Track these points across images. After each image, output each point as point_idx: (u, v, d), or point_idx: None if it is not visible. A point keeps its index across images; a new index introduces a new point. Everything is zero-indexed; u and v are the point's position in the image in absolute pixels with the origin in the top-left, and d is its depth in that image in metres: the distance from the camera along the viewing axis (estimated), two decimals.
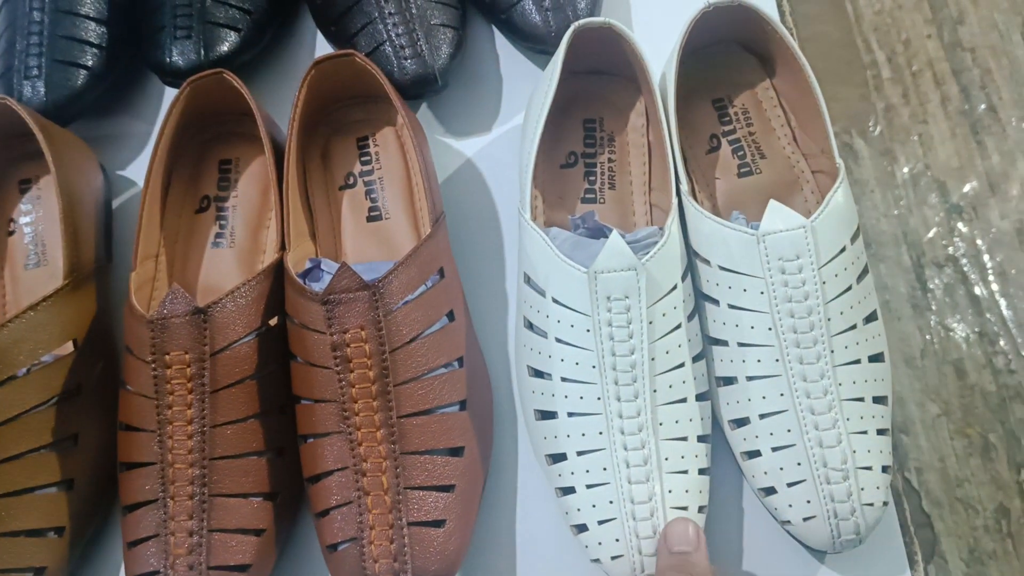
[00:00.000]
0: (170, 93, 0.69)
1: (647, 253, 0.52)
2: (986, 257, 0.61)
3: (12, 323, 0.53)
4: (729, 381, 0.54)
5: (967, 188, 0.64)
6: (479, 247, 0.62)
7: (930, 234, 0.62)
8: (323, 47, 0.70)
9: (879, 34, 0.69)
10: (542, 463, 0.55)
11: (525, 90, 0.67)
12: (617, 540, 0.50)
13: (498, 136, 0.66)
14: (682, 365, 0.53)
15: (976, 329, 0.60)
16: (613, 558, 0.51)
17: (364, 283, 0.51)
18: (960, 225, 0.63)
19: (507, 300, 0.61)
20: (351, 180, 0.63)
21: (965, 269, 0.62)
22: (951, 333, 0.58)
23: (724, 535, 0.54)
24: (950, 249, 0.62)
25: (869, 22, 0.69)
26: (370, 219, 0.61)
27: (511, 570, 0.55)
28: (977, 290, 0.61)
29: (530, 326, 0.55)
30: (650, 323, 0.52)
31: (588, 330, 0.52)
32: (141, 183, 0.63)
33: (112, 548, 0.57)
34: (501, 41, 0.69)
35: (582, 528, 0.52)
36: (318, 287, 0.55)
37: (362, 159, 0.63)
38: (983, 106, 0.66)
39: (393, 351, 0.51)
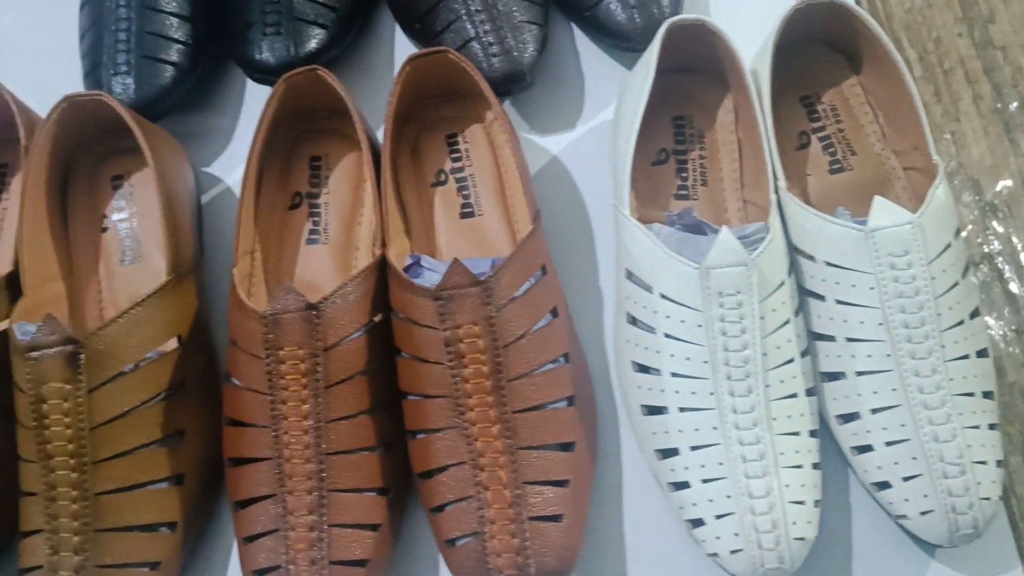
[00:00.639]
0: (252, 89, 0.69)
1: (755, 249, 0.53)
2: (1022, 255, 0.62)
3: (120, 319, 0.53)
4: (835, 376, 0.54)
5: (1001, 186, 0.65)
6: (569, 244, 0.62)
7: (965, 232, 0.63)
8: (401, 45, 0.70)
9: (910, 32, 0.69)
10: (649, 458, 0.55)
11: (606, 87, 0.67)
12: (736, 534, 0.51)
13: (582, 134, 0.66)
14: (792, 360, 0.53)
15: (1013, 327, 0.60)
16: (732, 552, 0.51)
17: (476, 279, 0.51)
18: (995, 223, 0.64)
19: (601, 297, 0.61)
20: (442, 177, 0.63)
21: (1001, 267, 0.62)
22: (988, 331, 0.59)
23: (830, 529, 0.55)
24: (985, 247, 0.62)
25: (900, 20, 0.70)
26: (463, 216, 0.61)
27: (620, 565, 0.55)
28: (1013, 287, 0.61)
29: (633, 322, 0.56)
30: (761, 318, 0.52)
31: (699, 326, 0.52)
32: (226, 179, 0.64)
33: (219, 543, 0.57)
34: (580, 38, 0.69)
35: (698, 523, 0.52)
36: (419, 283, 0.55)
37: (452, 156, 0.63)
38: (1015, 104, 0.67)
39: (505, 347, 0.51)
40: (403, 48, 0.70)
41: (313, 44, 0.63)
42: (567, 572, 0.51)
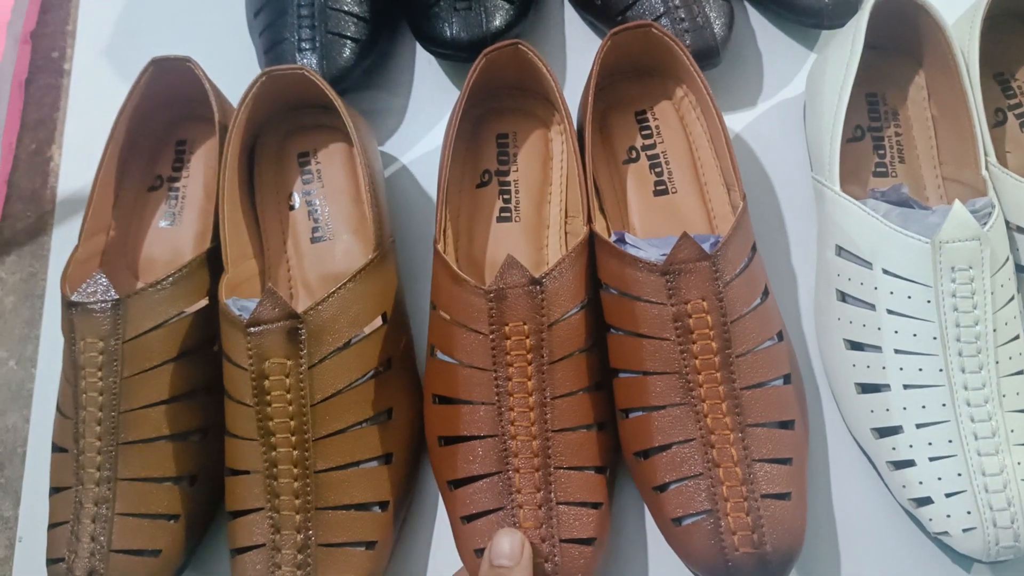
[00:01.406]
0: (422, 68, 0.69)
1: (985, 223, 0.52)
2: None
3: (334, 296, 0.52)
4: None
5: None
6: (758, 224, 0.61)
7: None
8: (572, 24, 0.69)
9: None
10: (863, 437, 0.54)
11: (785, 66, 0.67)
12: (969, 513, 0.50)
13: (763, 112, 0.66)
14: (1018, 337, 0.53)
15: None
16: (965, 531, 0.50)
17: (705, 253, 0.51)
18: None
19: (794, 276, 0.61)
20: (634, 154, 0.62)
21: None
22: None
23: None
24: None
25: None
26: (657, 193, 0.61)
27: (833, 545, 0.54)
28: None
29: (844, 299, 0.55)
30: (992, 294, 0.51)
31: (929, 301, 0.51)
32: (401, 159, 0.63)
33: (421, 523, 0.56)
34: (755, 17, 0.68)
35: (924, 501, 0.51)
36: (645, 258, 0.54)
37: (643, 133, 0.62)
38: None
39: (732, 322, 0.51)
40: (572, 28, 0.69)
41: (502, 19, 0.62)
42: (798, 550, 0.50)
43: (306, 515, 0.51)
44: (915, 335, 0.52)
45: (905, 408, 0.52)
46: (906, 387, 0.52)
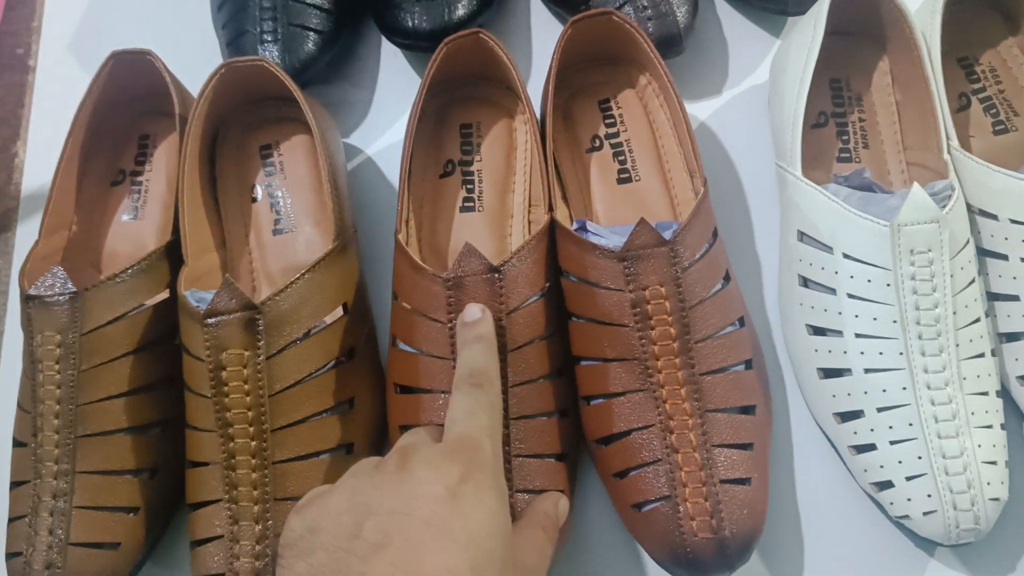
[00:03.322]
0: (387, 60, 0.68)
1: (944, 206, 0.52)
2: None
3: (292, 286, 0.52)
4: (1015, 337, 0.53)
5: None
6: (722, 211, 0.61)
7: None
8: (538, 14, 0.69)
9: None
10: (825, 422, 0.54)
11: (750, 53, 0.67)
12: (929, 496, 0.50)
13: (728, 100, 0.66)
14: (978, 320, 0.52)
15: None
16: (925, 514, 0.50)
17: (663, 239, 0.50)
18: None
19: (759, 263, 0.60)
20: (597, 143, 0.62)
21: None
22: None
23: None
24: None
25: None
26: (620, 181, 0.61)
27: (795, 529, 0.54)
28: None
29: (806, 284, 0.55)
30: (951, 276, 0.51)
31: (888, 284, 0.51)
32: (367, 150, 0.63)
33: None
34: (720, 4, 0.68)
35: (885, 485, 0.51)
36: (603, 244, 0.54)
37: (606, 121, 0.62)
38: None
39: (691, 308, 0.51)
40: (539, 16, 0.69)
41: (466, 9, 0.62)
42: (758, 534, 0.50)
43: (264, 506, 0.51)
44: (875, 319, 0.52)
45: (866, 392, 0.52)
46: (867, 371, 0.52)
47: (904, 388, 0.51)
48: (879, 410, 0.51)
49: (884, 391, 0.51)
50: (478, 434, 0.44)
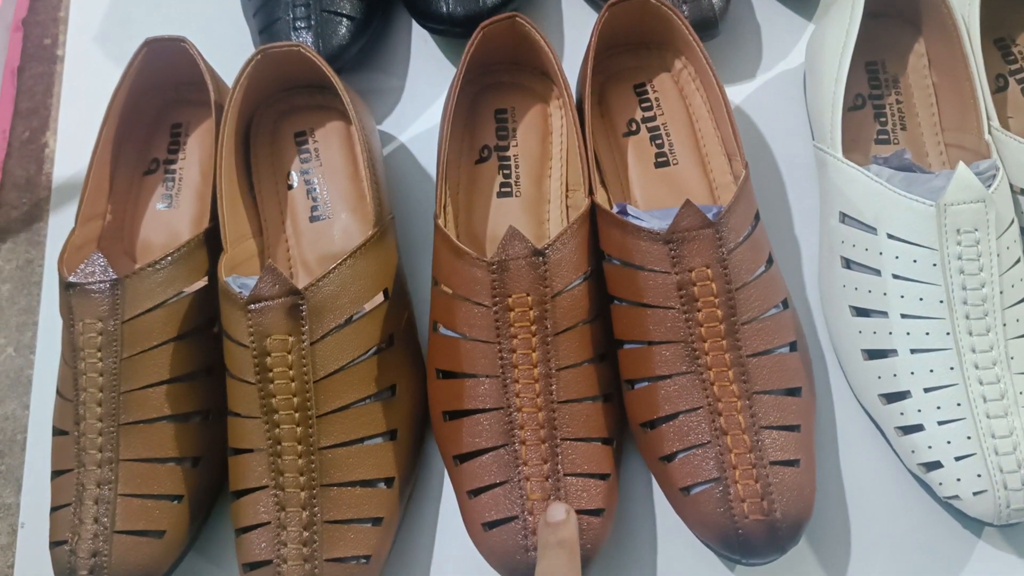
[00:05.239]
0: (417, 46, 0.68)
1: (990, 186, 0.51)
2: None
3: (334, 272, 0.51)
4: None
5: None
6: (759, 194, 0.61)
7: None
8: (570, 2, 0.69)
9: None
10: (871, 403, 0.54)
11: (784, 36, 0.66)
12: (979, 476, 0.50)
13: (763, 83, 0.65)
14: None
15: None
16: (975, 494, 0.50)
17: (708, 220, 0.50)
18: None
19: (798, 245, 0.60)
20: (633, 127, 0.62)
21: None
22: None
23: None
24: None
25: None
26: (658, 165, 0.60)
27: (842, 511, 0.54)
28: None
29: (849, 265, 0.55)
30: (997, 256, 0.51)
31: (935, 264, 0.51)
32: (399, 137, 0.63)
33: (427, 498, 0.56)
34: None
35: (934, 466, 0.51)
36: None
37: (642, 105, 0.62)
38: None
39: (737, 289, 0.50)
40: (570, 1, 0.68)
41: None
42: (808, 516, 0.49)
43: (311, 492, 0.50)
44: (921, 299, 0.51)
45: (912, 373, 0.51)
46: (913, 351, 0.51)
47: (951, 368, 0.51)
48: (926, 390, 0.51)
49: (931, 371, 0.51)
50: None
